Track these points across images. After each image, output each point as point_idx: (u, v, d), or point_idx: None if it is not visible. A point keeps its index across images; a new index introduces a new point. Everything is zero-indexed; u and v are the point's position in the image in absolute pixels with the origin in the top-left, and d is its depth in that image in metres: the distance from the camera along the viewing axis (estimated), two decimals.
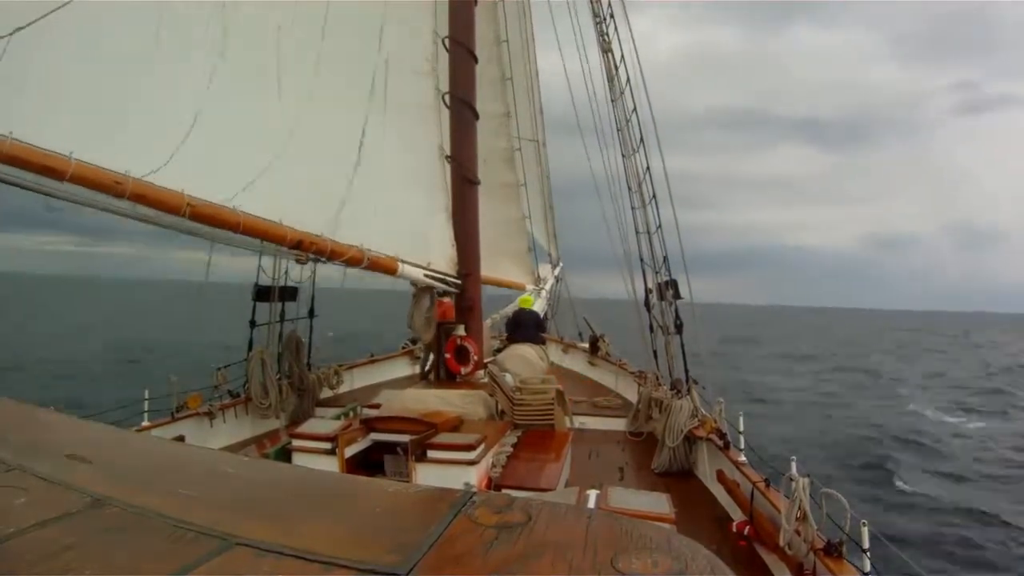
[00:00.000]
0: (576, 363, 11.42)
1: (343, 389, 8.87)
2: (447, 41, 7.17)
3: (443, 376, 7.21)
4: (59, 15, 3.40)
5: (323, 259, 5.45)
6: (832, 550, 3.42)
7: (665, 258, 7.56)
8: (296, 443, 5.12)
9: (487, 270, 8.30)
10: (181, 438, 5.71)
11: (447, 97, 7.11)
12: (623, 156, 8.20)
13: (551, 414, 6.22)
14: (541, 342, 10.41)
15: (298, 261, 5.87)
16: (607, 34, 8.47)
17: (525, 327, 10.42)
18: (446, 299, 7.17)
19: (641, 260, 7.86)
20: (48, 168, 3.36)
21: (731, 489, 4.91)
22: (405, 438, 4.86)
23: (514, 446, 5.46)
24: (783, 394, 25.55)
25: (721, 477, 5.17)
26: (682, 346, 7.09)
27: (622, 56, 8.28)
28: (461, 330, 7.20)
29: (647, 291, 7.81)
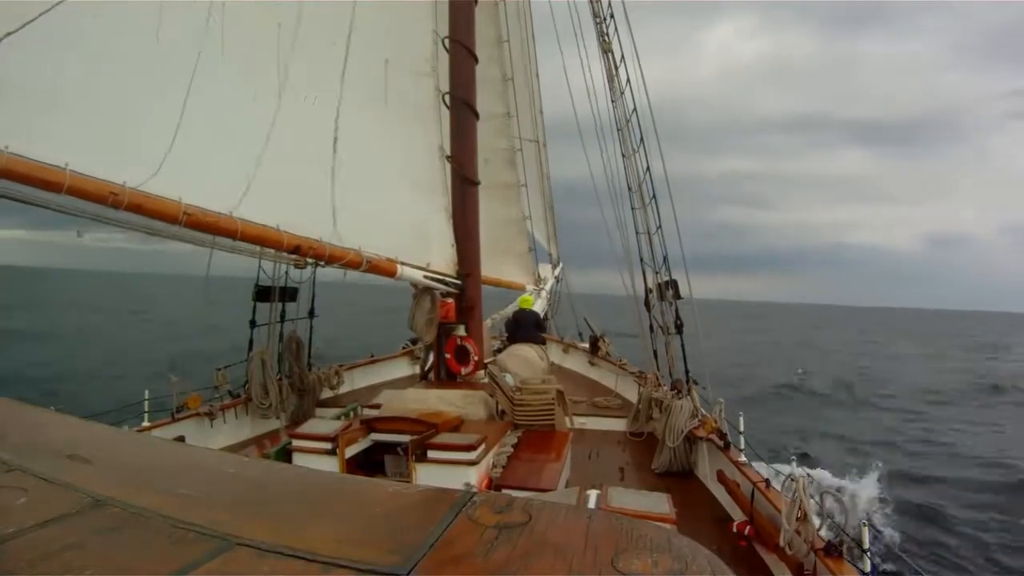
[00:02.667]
0: (576, 363, 11.42)
1: (343, 389, 8.87)
2: (447, 41, 7.17)
3: (443, 376, 7.21)
4: (51, 20, 3.39)
5: (322, 263, 5.45)
6: (832, 550, 3.42)
7: (665, 258, 7.56)
8: (296, 443, 5.11)
9: (487, 270, 8.29)
10: (181, 438, 5.70)
11: (447, 97, 7.11)
12: (623, 156, 8.20)
13: (551, 414, 6.21)
14: (541, 342, 10.41)
15: (296, 266, 5.85)
16: (607, 34, 8.47)
17: (525, 327, 10.42)
18: (448, 299, 7.17)
19: (641, 260, 7.87)
20: (44, 181, 3.35)
21: (731, 489, 4.91)
22: (405, 438, 4.85)
23: (514, 446, 5.45)
24: None
25: (721, 477, 5.17)
26: (682, 346, 7.09)
27: (622, 56, 8.28)
28: (461, 330, 7.20)
29: (647, 291, 7.82)
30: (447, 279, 6.89)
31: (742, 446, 5.38)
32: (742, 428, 5.51)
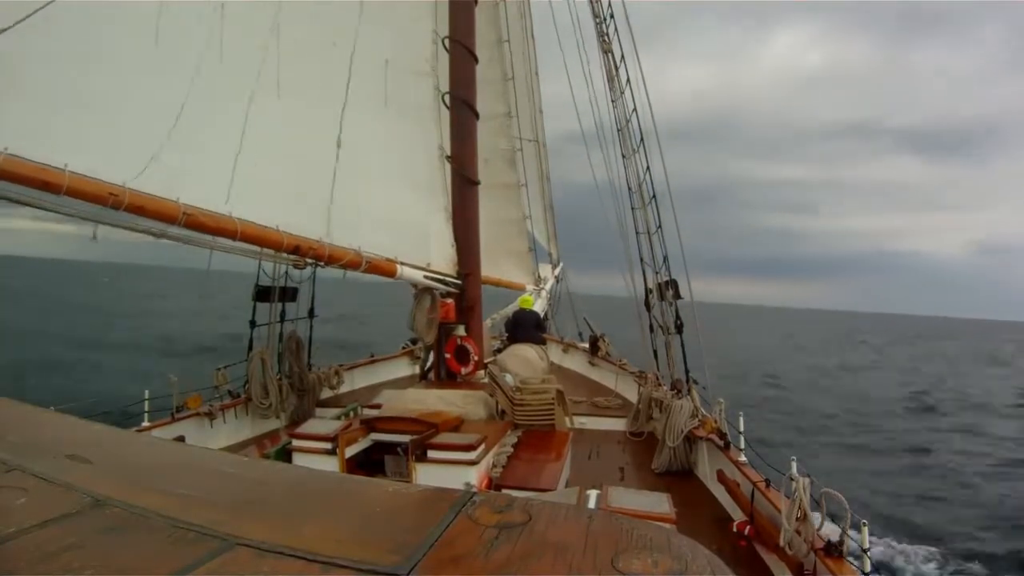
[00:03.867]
0: (576, 363, 11.42)
1: (343, 389, 8.87)
2: (447, 41, 7.17)
3: (443, 376, 7.21)
4: (50, 21, 3.38)
5: (321, 263, 5.44)
6: (832, 550, 3.42)
7: (665, 258, 7.57)
8: (296, 443, 5.12)
9: (487, 270, 8.29)
10: (181, 438, 5.71)
11: (447, 97, 7.11)
12: (623, 156, 8.20)
13: (551, 414, 6.21)
14: (541, 342, 10.42)
15: (296, 267, 5.85)
16: (607, 34, 8.48)
17: (525, 327, 10.42)
18: (449, 299, 7.17)
19: (641, 260, 7.87)
20: (43, 182, 3.34)
21: (731, 489, 4.91)
22: (405, 438, 4.86)
23: (514, 446, 5.46)
24: None
25: (721, 477, 5.17)
26: (682, 346, 7.09)
27: (622, 56, 8.28)
28: (461, 330, 7.20)
29: (647, 291, 7.82)
30: (447, 279, 6.89)
31: (742, 446, 5.38)
32: (742, 428, 5.51)
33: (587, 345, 11.37)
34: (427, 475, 4.61)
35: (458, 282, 7.07)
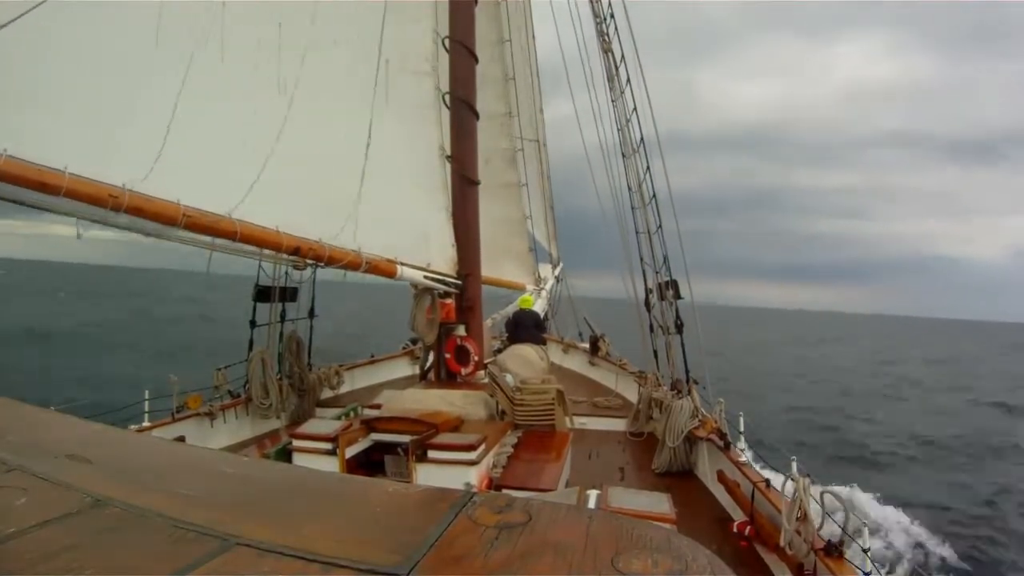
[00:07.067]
0: (576, 363, 11.42)
1: (344, 389, 8.87)
2: (447, 41, 7.17)
3: (443, 376, 7.21)
4: (51, 21, 3.38)
5: (321, 264, 5.45)
6: (832, 550, 3.42)
7: (665, 258, 7.57)
8: (296, 443, 5.12)
9: (487, 270, 8.29)
10: (181, 438, 5.71)
11: (447, 97, 7.11)
12: (623, 156, 8.20)
13: (551, 414, 6.21)
14: (541, 342, 10.42)
15: (296, 267, 5.86)
16: (607, 34, 8.48)
17: (525, 327, 10.42)
18: (449, 300, 7.17)
19: (641, 260, 7.87)
20: (43, 184, 3.33)
21: (731, 489, 4.91)
22: (406, 438, 4.86)
23: (514, 446, 5.45)
24: None
25: (721, 477, 5.17)
26: (682, 346, 7.09)
27: (622, 56, 8.28)
28: (461, 330, 7.20)
29: (647, 291, 7.82)
30: (447, 279, 6.89)
31: (742, 446, 5.38)
32: (742, 428, 5.51)
33: (587, 345, 11.37)
34: (427, 475, 4.61)
35: (458, 282, 7.06)
